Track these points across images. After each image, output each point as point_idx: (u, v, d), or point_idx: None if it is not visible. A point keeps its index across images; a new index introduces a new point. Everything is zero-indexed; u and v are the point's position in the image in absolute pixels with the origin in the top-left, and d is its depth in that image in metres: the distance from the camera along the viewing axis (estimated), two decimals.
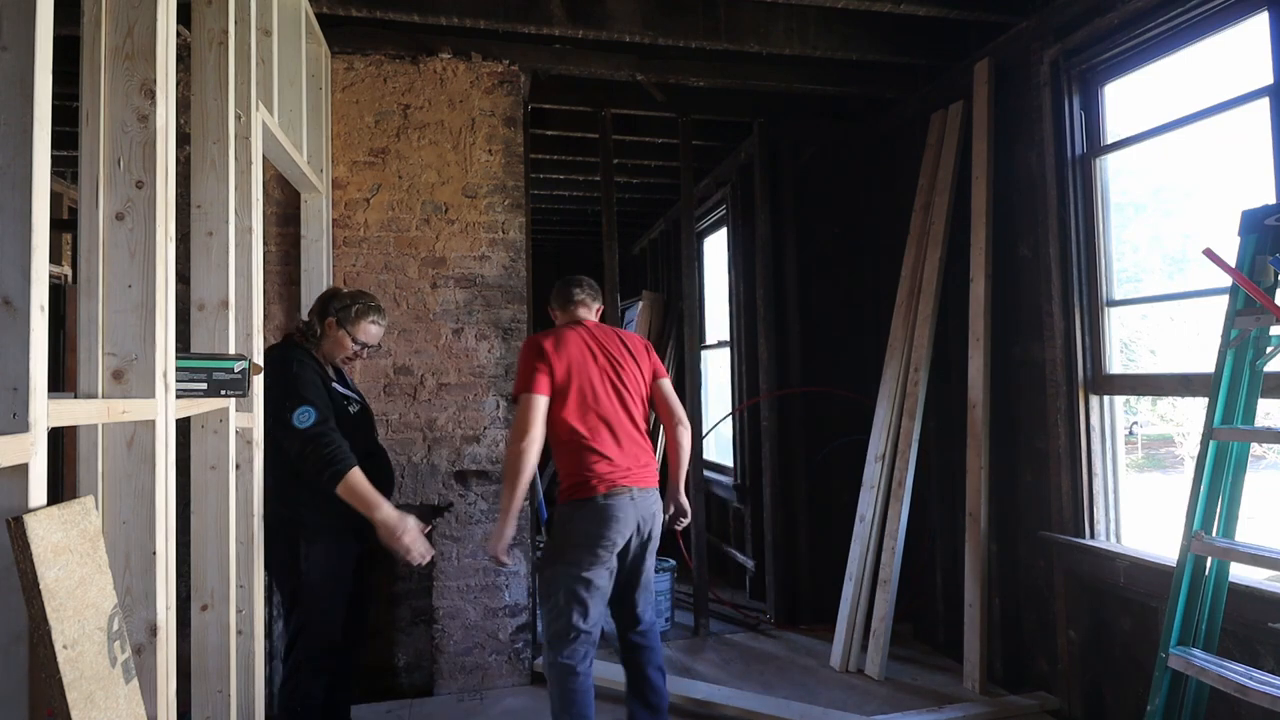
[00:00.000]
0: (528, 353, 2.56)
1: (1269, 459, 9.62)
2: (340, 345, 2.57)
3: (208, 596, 2.05)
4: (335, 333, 2.55)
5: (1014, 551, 3.41)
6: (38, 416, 1.13)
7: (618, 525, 2.46)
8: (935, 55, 3.79)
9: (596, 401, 2.54)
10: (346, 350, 2.58)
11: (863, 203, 4.53)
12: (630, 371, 2.65)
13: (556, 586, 2.49)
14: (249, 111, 2.23)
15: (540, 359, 2.51)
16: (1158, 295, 3.26)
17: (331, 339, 2.56)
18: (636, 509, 2.51)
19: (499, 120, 3.63)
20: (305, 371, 2.45)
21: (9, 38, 1.12)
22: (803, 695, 3.36)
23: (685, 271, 4.60)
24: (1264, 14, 2.46)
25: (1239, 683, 2.02)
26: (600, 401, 2.55)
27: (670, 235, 6.52)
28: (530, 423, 2.45)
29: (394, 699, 3.43)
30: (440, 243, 3.55)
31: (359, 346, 2.59)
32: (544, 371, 2.50)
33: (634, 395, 2.63)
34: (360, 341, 2.57)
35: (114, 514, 1.51)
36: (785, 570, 4.39)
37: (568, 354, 2.54)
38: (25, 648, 1.12)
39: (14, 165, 1.12)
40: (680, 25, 3.49)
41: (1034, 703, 3.14)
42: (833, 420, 4.44)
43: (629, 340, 2.73)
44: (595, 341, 2.63)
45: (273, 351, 2.51)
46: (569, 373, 2.52)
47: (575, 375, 2.53)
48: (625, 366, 2.64)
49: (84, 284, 1.51)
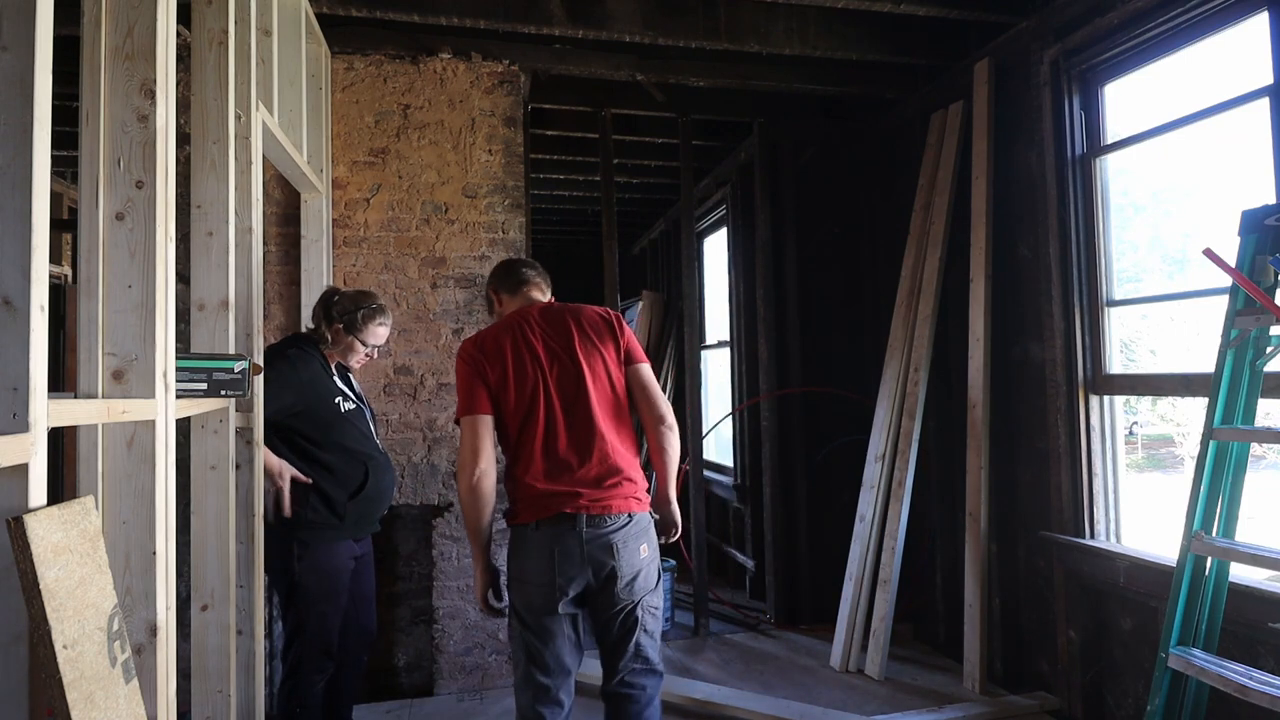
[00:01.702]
0: (460, 365, 2.13)
1: (1269, 459, 9.62)
2: (352, 351, 2.58)
3: (208, 596, 2.05)
4: (345, 339, 2.56)
5: (1014, 551, 3.41)
6: (38, 416, 1.13)
7: (554, 560, 1.98)
8: (935, 55, 3.79)
9: (536, 406, 2.08)
10: (359, 355, 2.59)
11: (862, 203, 4.53)
12: (594, 361, 2.14)
13: (510, 632, 2.12)
14: (249, 111, 2.23)
15: (473, 370, 2.10)
16: (1158, 295, 3.25)
17: (342, 345, 2.57)
18: (582, 541, 1.98)
19: (499, 120, 3.63)
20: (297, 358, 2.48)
21: (9, 38, 1.12)
22: (803, 695, 3.36)
23: (685, 271, 4.60)
24: (1264, 14, 2.46)
25: (1239, 683, 2.02)
26: (541, 406, 2.08)
27: (670, 235, 6.52)
28: (478, 450, 2.04)
29: (394, 699, 3.43)
30: (440, 243, 3.55)
31: (370, 349, 2.60)
32: (480, 384, 2.08)
33: (605, 392, 2.13)
34: (370, 345, 2.59)
35: (114, 514, 1.51)
36: (785, 570, 4.39)
37: (501, 355, 2.11)
38: (25, 648, 1.12)
39: (14, 165, 1.12)
40: (680, 25, 3.49)
41: (1034, 703, 3.14)
42: (833, 420, 4.44)
43: (586, 318, 2.19)
44: (538, 330, 2.15)
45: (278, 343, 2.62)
46: (504, 378, 2.09)
47: (512, 380, 2.09)
48: (584, 357, 2.13)
49: (84, 284, 1.51)
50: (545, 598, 1.99)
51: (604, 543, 2.00)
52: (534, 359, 2.10)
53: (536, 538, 2.01)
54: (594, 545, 1.99)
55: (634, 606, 2.05)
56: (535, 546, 2.01)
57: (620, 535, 2.02)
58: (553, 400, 2.08)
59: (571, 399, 2.09)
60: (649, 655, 2.09)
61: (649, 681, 2.10)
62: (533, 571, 2.00)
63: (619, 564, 2.00)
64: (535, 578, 2.00)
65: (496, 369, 2.09)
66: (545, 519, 2.00)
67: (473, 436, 2.05)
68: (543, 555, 1.99)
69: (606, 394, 2.13)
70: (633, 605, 2.05)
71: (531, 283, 2.29)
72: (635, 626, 2.06)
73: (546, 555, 1.99)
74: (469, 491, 2.04)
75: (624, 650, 2.06)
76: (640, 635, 2.07)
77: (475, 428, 2.05)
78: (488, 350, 2.11)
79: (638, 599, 2.05)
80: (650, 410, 2.19)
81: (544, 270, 2.37)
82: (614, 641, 2.07)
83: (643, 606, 2.07)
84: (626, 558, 2.02)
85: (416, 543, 3.58)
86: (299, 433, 2.47)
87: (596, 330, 2.17)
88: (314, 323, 2.62)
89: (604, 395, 2.12)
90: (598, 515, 2.00)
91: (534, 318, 2.17)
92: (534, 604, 2.01)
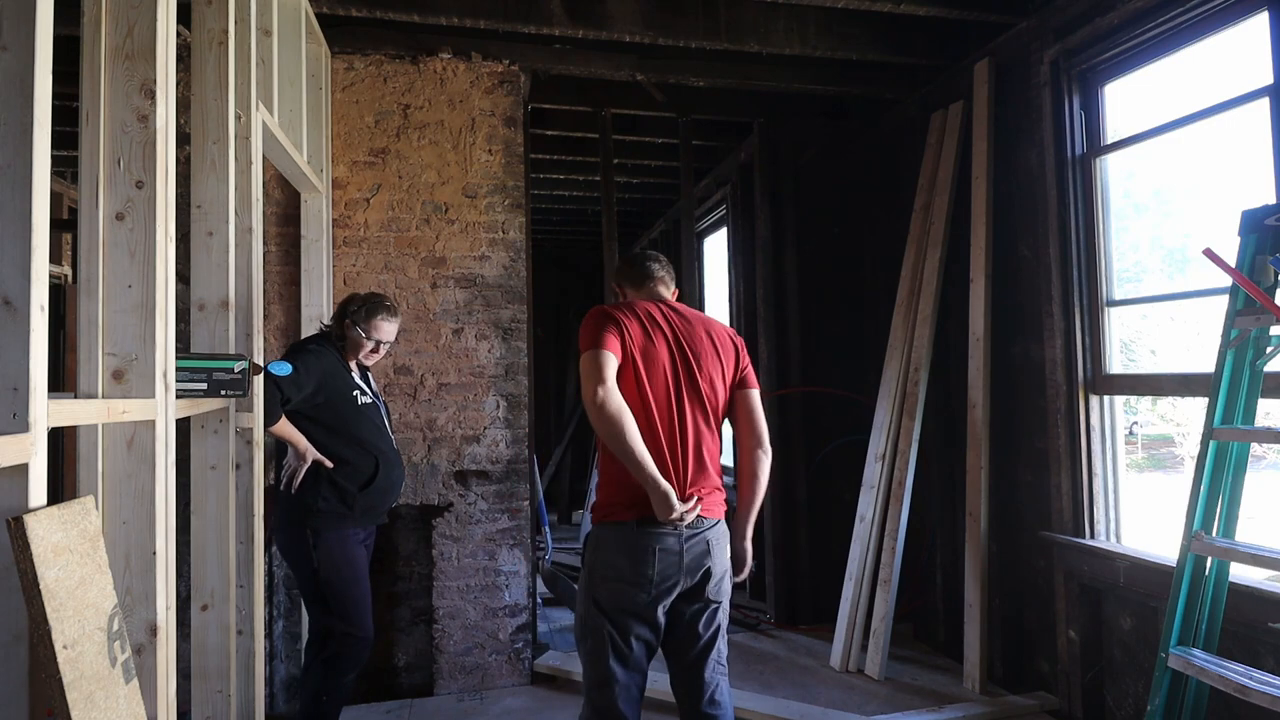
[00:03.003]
0: (597, 317, 2.01)
1: (1269, 459, 9.62)
2: (357, 344, 2.69)
3: (208, 596, 2.05)
4: (351, 333, 2.69)
5: (1014, 551, 3.41)
6: (38, 416, 1.13)
7: (654, 560, 1.94)
8: (935, 55, 3.79)
9: (662, 399, 2.01)
10: (364, 347, 2.70)
11: (863, 203, 4.53)
12: (712, 371, 2.10)
13: (587, 628, 2.02)
14: (249, 111, 2.23)
15: (611, 323, 1.98)
16: (1158, 295, 3.25)
17: (350, 340, 2.70)
18: (682, 540, 1.97)
19: (499, 120, 3.62)
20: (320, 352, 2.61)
21: (9, 38, 1.12)
22: (803, 695, 3.36)
23: (685, 271, 4.60)
24: (1264, 14, 2.46)
25: (1239, 683, 2.02)
26: (666, 401, 2.02)
27: (670, 235, 6.52)
28: (602, 371, 1.88)
29: (394, 699, 3.42)
30: (440, 243, 3.55)
31: (373, 343, 2.69)
32: (615, 335, 1.96)
33: (712, 402, 2.10)
34: (374, 338, 2.68)
35: (114, 514, 1.51)
36: (785, 570, 4.39)
37: (641, 329, 2.02)
38: (25, 648, 1.13)
39: (14, 165, 1.12)
40: (680, 25, 3.49)
41: (1034, 703, 3.14)
42: (833, 420, 4.44)
43: (716, 333, 2.16)
44: (675, 326, 2.09)
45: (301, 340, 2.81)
46: (640, 351, 1.99)
47: (643, 357, 2.00)
48: (706, 364, 2.09)
49: (84, 284, 1.51)
50: (640, 597, 1.96)
51: (701, 541, 2.00)
52: (664, 347, 2.04)
53: (636, 535, 1.96)
54: (693, 544, 1.98)
55: (719, 607, 2.08)
56: (634, 543, 1.96)
57: (714, 533, 2.04)
58: (670, 391, 2.02)
59: (688, 398, 2.05)
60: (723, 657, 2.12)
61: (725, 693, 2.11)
62: (629, 569, 1.95)
63: (714, 563, 2.02)
64: (631, 576, 1.95)
65: (637, 336, 2.01)
66: (647, 516, 1.94)
67: (596, 362, 1.90)
68: (643, 552, 1.95)
69: (715, 406, 2.11)
70: (719, 605, 2.07)
71: (656, 277, 2.24)
72: (720, 628, 2.08)
73: (647, 553, 1.94)
74: (604, 407, 1.85)
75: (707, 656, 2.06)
76: (721, 638, 2.09)
77: (599, 357, 1.90)
78: (625, 318, 2.02)
79: (723, 599, 2.08)
80: (753, 432, 2.16)
81: (668, 263, 2.30)
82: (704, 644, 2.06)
83: (724, 608, 2.09)
84: (718, 557, 2.04)
85: (416, 543, 3.59)
86: (317, 421, 2.59)
87: (723, 345, 2.15)
88: (332, 322, 2.77)
89: (712, 406, 2.10)
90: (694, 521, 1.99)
91: (669, 311, 2.12)
92: (625, 603, 1.96)
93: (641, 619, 1.98)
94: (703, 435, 2.06)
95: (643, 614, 1.97)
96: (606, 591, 1.99)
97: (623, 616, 1.97)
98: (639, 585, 1.95)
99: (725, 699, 2.09)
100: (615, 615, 1.97)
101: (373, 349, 2.70)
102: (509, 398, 3.57)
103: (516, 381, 3.58)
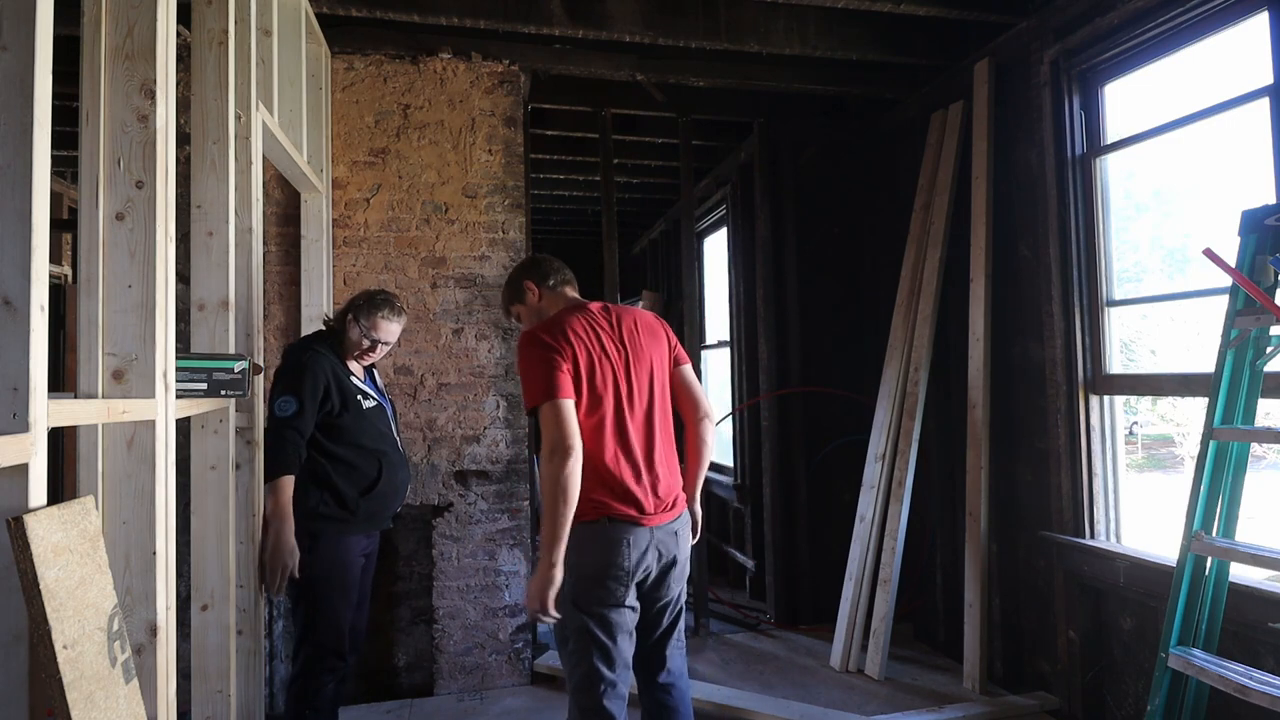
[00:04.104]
0: (533, 351, 2.00)
1: (1269, 459, 9.62)
2: (355, 342, 2.62)
3: (208, 596, 2.05)
4: (351, 329, 2.62)
5: (1014, 551, 3.41)
6: (38, 416, 1.13)
7: (627, 551, 2.00)
8: (935, 55, 3.79)
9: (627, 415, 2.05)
10: (360, 345, 2.62)
11: (863, 203, 4.53)
12: (654, 363, 2.14)
13: (568, 630, 2.03)
14: (249, 111, 2.23)
15: (551, 354, 1.98)
16: (1158, 295, 3.25)
17: (349, 337, 2.63)
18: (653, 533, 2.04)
19: (499, 120, 3.63)
20: (313, 364, 2.50)
21: (9, 38, 1.12)
22: (803, 695, 3.36)
23: (685, 271, 4.60)
24: (1264, 14, 2.46)
25: (1239, 683, 2.02)
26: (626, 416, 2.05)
27: (670, 235, 6.52)
28: (572, 432, 1.92)
29: (394, 699, 3.43)
30: (440, 243, 3.55)
31: (371, 343, 2.62)
32: (565, 371, 1.97)
33: (661, 396, 2.14)
34: (373, 338, 2.60)
35: (114, 514, 1.51)
36: (785, 570, 4.39)
37: (585, 349, 2.02)
38: (25, 648, 1.12)
39: (14, 165, 1.12)
40: (680, 25, 3.49)
41: (1034, 703, 3.14)
42: (833, 420, 4.44)
43: (644, 322, 2.19)
44: (607, 331, 2.10)
45: (293, 344, 2.71)
46: (587, 373, 2.02)
47: (593, 380, 2.02)
48: (647, 358, 2.12)
49: (84, 284, 1.51)
50: (618, 590, 2.00)
51: (669, 532, 2.09)
52: (604, 354, 2.06)
53: (607, 529, 2.00)
54: (661, 533, 2.06)
55: (680, 595, 2.17)
56: (608, 539, 2.00)
57: (679, 523, 2.13)
58: (621, 396, 2.06)
59: (639, 396, 2.09)
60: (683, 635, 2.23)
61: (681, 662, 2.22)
62: (604, 565, 2.00)
63: (679, 552, 2.12)
64: (607, 571, 2.00)
65: (579, 355, 2.01)
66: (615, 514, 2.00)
67: (561, 420, 1.92)
68: (615, 547, 1.99)
69: (663, 395, 2.17)
70: (680, 593, 2.17)
71: (570, 280, 2.28)
72: (680, 615, 2.19)
73: (619, 546, 2.00)
74: (565, 478, 1.89)
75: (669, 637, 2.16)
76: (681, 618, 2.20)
77: (561, 411, 1.93)
78: (561, 338, 2.02)
79: (682, 588, 2.18)
80: (695, 404, 2.23)
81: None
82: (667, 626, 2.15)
83: (684, 592, 2.20)
84: (683, 546, 2.14)
85: (416, 543, 3.59)
86: (317, 426, 2.51)
87: (653, 332, 2.20)
88: (335, 318, 2.70)
89: (662, 396, 2.16)
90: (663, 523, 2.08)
91: (596, 315, 2.13)
92: (605, 598, 2.01)
93: (620, 611, 2.02)
94: (662, 430, 2.13)
95: (621, 606, 2.02)
96: (584, 589, 2.02)
97: (603, 611, 2.01)
98: (615, 578, 2.00)
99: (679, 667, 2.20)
100: (595, 611, 2.01)
101: (369, 348, 2.62)
102: (509, 398, 3.57)
103: (516, 381, 3.58)
